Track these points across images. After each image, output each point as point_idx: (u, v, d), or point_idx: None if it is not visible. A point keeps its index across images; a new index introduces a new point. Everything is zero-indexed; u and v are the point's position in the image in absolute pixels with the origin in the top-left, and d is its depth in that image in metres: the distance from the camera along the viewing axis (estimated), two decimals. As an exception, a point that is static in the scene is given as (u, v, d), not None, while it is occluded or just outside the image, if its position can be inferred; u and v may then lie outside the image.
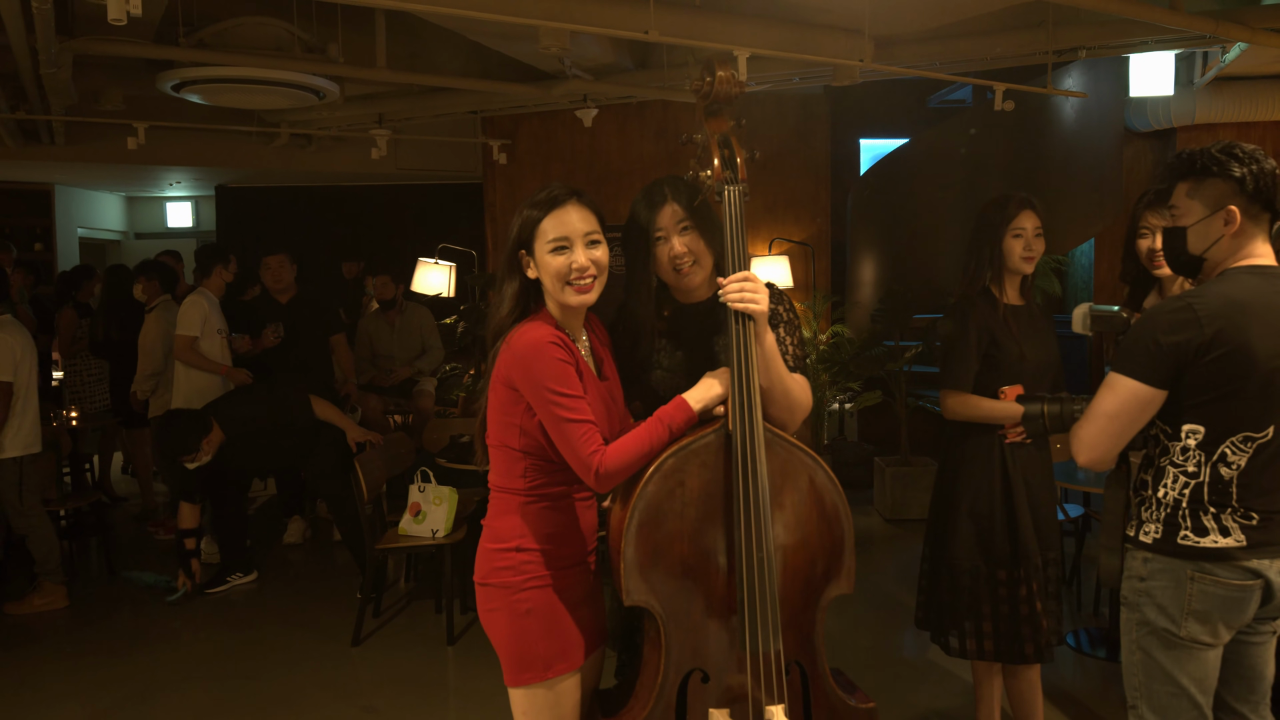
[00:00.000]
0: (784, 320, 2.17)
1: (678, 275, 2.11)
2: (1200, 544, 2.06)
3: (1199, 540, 2.07)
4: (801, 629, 2.01)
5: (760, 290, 1.91)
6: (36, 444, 4.77)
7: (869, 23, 4.94)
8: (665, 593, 1.95)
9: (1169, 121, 7.14)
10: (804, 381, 2.12)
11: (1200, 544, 2.06)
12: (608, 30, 4.31)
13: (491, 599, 2.02)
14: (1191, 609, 2.07)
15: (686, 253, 2.09)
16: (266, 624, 4.64)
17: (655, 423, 1.92)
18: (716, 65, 1.97)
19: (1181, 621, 2.08)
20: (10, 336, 4.65)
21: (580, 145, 7.56)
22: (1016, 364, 2.85)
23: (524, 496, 1.99)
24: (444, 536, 4.36)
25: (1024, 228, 2.87)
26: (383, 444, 4.81)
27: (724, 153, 1.95)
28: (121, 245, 10.91)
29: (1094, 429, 2.12)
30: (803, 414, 2.08)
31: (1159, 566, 2.11)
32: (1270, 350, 2.00)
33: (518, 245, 2.00)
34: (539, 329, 1.93)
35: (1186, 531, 2.08)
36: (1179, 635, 2.08)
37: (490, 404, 2.00)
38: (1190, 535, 2.07)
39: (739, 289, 1.90)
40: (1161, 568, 2.11)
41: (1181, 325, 2.02)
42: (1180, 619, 2.08)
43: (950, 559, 2.88)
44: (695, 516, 1.94)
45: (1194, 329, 2.00)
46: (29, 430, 4.72)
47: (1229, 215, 2.05)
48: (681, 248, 2.09)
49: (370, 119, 6.97)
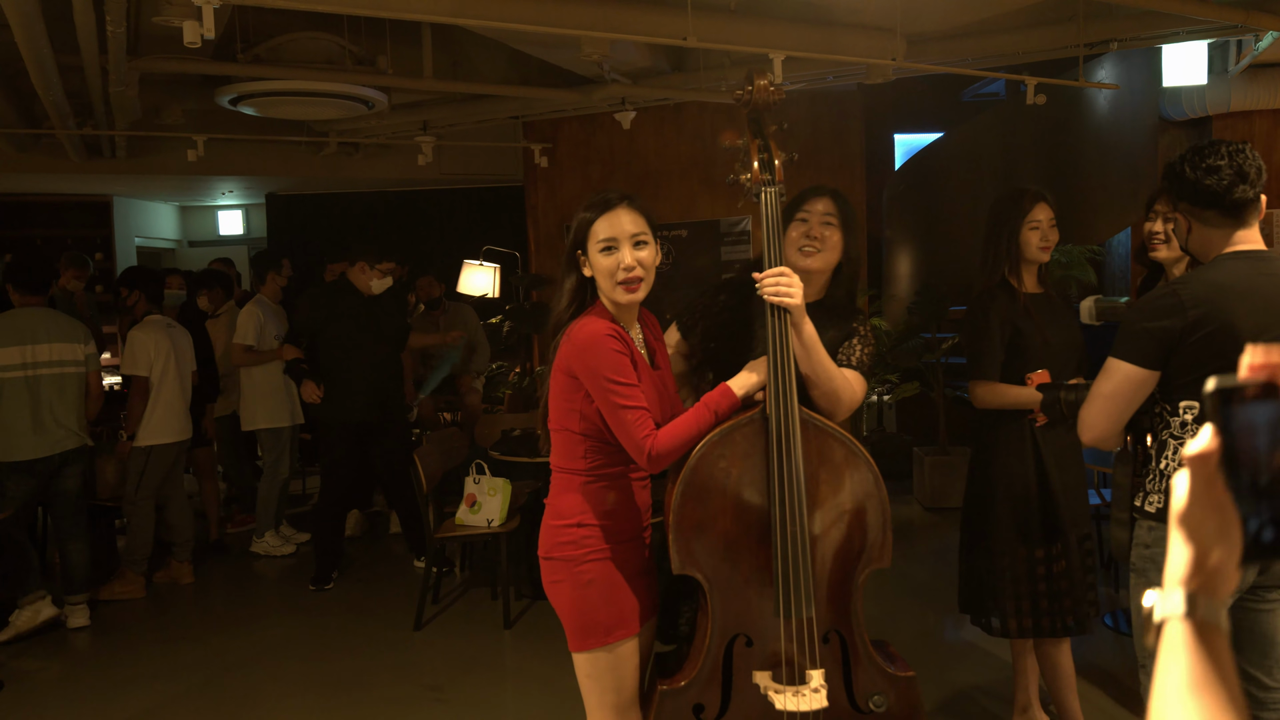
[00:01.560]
0: (859, 335, 2.41)
1: (800, 255, 2.36)
2: None
3: None
4: (839, 600, 2.16)
5: (795, 285, 2.08)
6: (167, 436, 5.14)
7: (900, 21, 5.05)
8: (710, 563, 2.13)
9: (1204, 110, 7.16)
10: (854, 378, 2.32)
11: None
12: (647, 38, 4.49)
13: (555, 571, 2.20)
14: None
15: (819, 239, 2.36)
16: (330, 611, 4.88)
17: (702, 408, 2.10)
18: (755, 74, 2.14)
19: None
20: (147, 335, 5.09)
21: (619, 147, 7.72)
22: (1041, 350, 2.98)
23: (584, 476, 2.17)
24: (499, 526, 4.56)
25: (1039, 220, 3.00)
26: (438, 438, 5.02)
27: (763, 156, 2.12)
28: (176, 253, 11.27)
29: (1094, 410, 2.29)
30: (847, 406, 2.27)
31: (1163, 533, 2.24)
32: (1254, 328, 2.13)
33: (574, 245, 2.18)
34: (596, 323, 2.11)
35: None
36: None
37: (552, 391, 2.18)
38: None
39: (774, 283, 2.07)
40: (1165, 534, 2.23)
41: (1166, 311, 2.18)
42: None
43: (989, 543, 3.00)
44: (737, 492, 2.11)
45: (1178, 314, 2.16)
46: (158, 422, 5.10)
47: (1179, 220, 2.27)
48: (816, 234, 2.36)
49: (415, 126, 7.17)
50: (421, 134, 7.17)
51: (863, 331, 2.42)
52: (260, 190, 10.05)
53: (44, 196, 9.36)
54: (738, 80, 6.03)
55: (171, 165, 7.74)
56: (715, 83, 6.10)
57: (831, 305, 2.45)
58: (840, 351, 2.38)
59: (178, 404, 5.18)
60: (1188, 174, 2.18)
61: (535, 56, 5.85)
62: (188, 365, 5.31)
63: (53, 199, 9.41)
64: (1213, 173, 2.15)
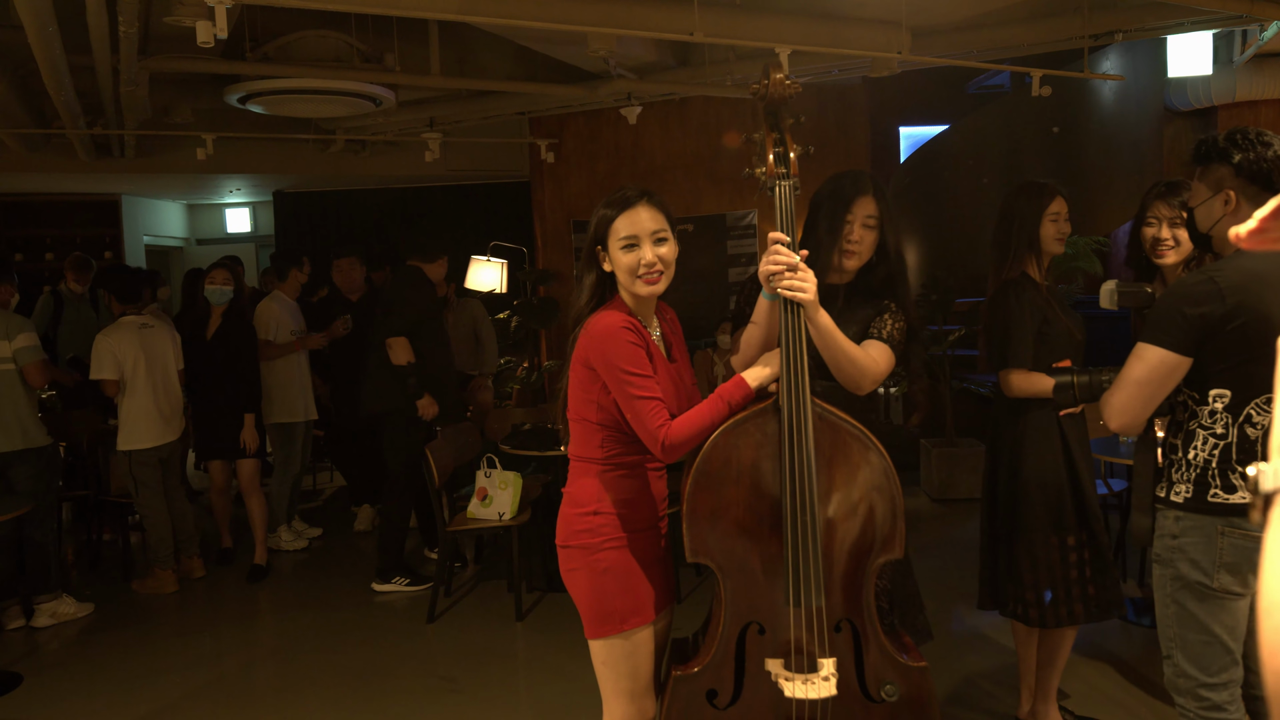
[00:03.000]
0: (890, 310, 2.48)
1: (842, 256, 2.46)
2: (1230, 500, 2.22)
3: (1228, 497, 2.22)
4: (851, 589, 2.19)
5: (809, 279, 2.11)
6: (145, 440, 5.06)
7: (905, 15, 5.07)
8: (723, 550, 2.16)
9: (1209, 100, 7.16)
10: (879, 352, 2.39)
11: (1230, 500, 2.22)
12: (654, 33, 4.51)
13: (572, 559, 2.24)
14: (1223, 561, 2.23)
15: (859, 242, 2.45)
16: (345, 605, 4.93)
17: (716, 399, 2.13)
18: (771, 69, 2.17)
19: (1214, 574, 2.23)
20: (111, 339, 5.01)
21: (625, 142, 7.75)
22: (1066, 339, 3.03)
23: (601, 465, 2.21)
24: (510, 519, 4.60)
25: (1059, 213, 3.06)
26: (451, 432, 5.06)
27: (778, 150, 2.15)
28: (184, 251, 11.32)
29: (1124, 396, 2.28)
30: (872, 381, 2.36)
31: (1191, 524, 2.27)
32: None
33: (595, 241, 2.22)
34: (613, 316, 2.14)
35: (1216, 490, 2.24)
36: (1212, 587, 2.24)
37: (570, 382, 2.22)
38: (1220, 493, 2.23)
39: (789, 279, 2.10)
40: (1193, 525, 2.27)
41: (1205, 297, 2.18)
42: (1212, 571, 2.23)
43: (1025, 534, 3.02)
44: (749, 482, 2.14)
45: (1216, 301, 2.17)
46: (132, 426, 5.03)
47: (1227, 197, 2.25)
48: (857, 237, 2.45)
49: (422, 123, 7.20)
50: (428, 131, 7.19)
51: (893, 308, 2.47)
52: (268, 188, 10.09)
53: (53, 196, 9.40)
54: (744, 75, 6.12)
55: (180, 164, 7.79)
56: (721, 77, 6.12)
57: (864, 287, 2.52)
58: (872, 325, 2.45)
59: (152, 408, 5.05)
60: (1260, 153, 2.19)
61: (541, 53, 5.88)
62: (165, 366, 5.13)
63: (62, 198, 9.46)
64: (1269, 150, 2.18)
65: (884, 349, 2.41)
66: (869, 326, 2.45)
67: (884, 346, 2.41)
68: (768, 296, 2.20)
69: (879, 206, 2.45)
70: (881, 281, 2.50)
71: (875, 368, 2.36)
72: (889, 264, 2.48)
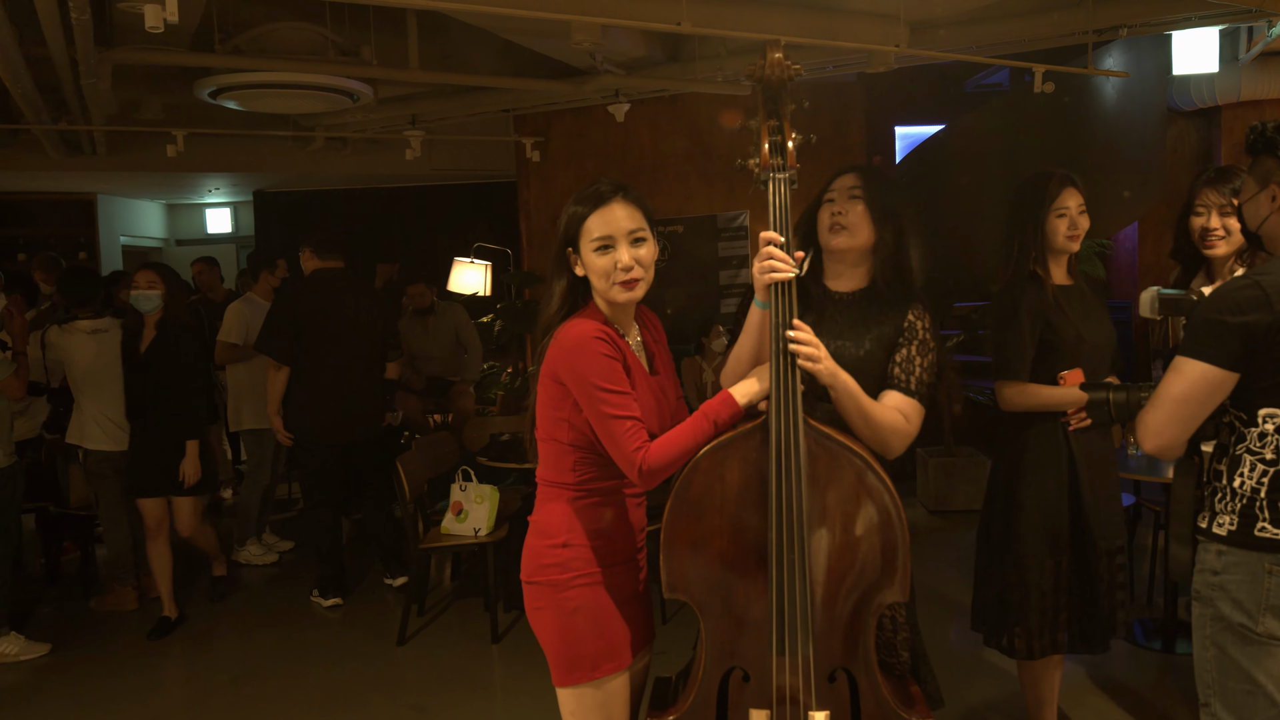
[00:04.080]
0: (918, 338, 2.16)
1: (830, 234, 2.20)
2: (1279, 536, 1.99)
3: (1278, 532, 1.99)
4: (847, 636, 1.95)
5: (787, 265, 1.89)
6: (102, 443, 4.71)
7: (904, 7, 4.86)
8: (704, 586, 1.93)
9: (1213, 99, 6.97)
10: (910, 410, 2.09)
11: (1279, 536, 1.99)
12: (639, 23, 4.29)
13: (538, 597, 2.01)
14: (1270, 604, 1.99)
15: (843, 213, 2.18)
16: (312, 625, 4.69)
17: (700, 417, 1.90)
18: (770, 49, 1.94)
19: (1259, 616, 2.00)
20: (58, 341, 4.73)
21: (613, 140, 7.53)
22: (1075, 347, 2.77)
23: (573, 491, 1.98)
24: (486, 535, 4.37)
25: (1068, 206, 2.79)
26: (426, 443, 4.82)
27: (774, 139, 1.93)
28: (163, 252, 11.06)
29: (1161, 415, 2.04)
30: (902, 439, 2.07)
31: (1234, 559, 2.03)
32: None
33: (565, 243, 1.98)
34: (585, 325, 1.91)
35: (1264, 523, 2.00)
36: (1256, 631, 2.00)
37: (539, 398, 2.00)
38: (1269, 527, 1.99)
39: (765, 262, 1.89)
40: (1237, 561, 2.03)
41: (1250, 304, 1.94)
42: (1257, 614, 2.00)
43: (1017, 558, 2.78)
44: (735, 512, 1.91)
45: (1264, 308, 1.93)
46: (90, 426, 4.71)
47: (1273, 193, 2.02)
48: (841, 208, 2.18)
49: (404, 120, 7.00)
50: (410, 128, 6.98)
51: (921, 331, 2.16)
52: (248, 187, 9.85)
53: (25, 195, 9.15)
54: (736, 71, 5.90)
55: (153, 161, 7.54)
56: (712, 73, 5.91)
57: (877, 293, 2.21)
58: (899, 366, 2.14)
59: (102, 415, 4.71)
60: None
61: (526, 47, 5.66)
62: (117, 376, 4.67)
63: (34, 197, 9.21)
64: None
65: (912, 405, 2.10)
66: (893, 352, 2.15)
67: (911, 402, 2.11)
68: (760, 305, 1.97)
69: (863, 179, 2.19)
70: (899, 279, 2.19)
71: (906, 428, 2.08)
72: (886, 255, 2.18)
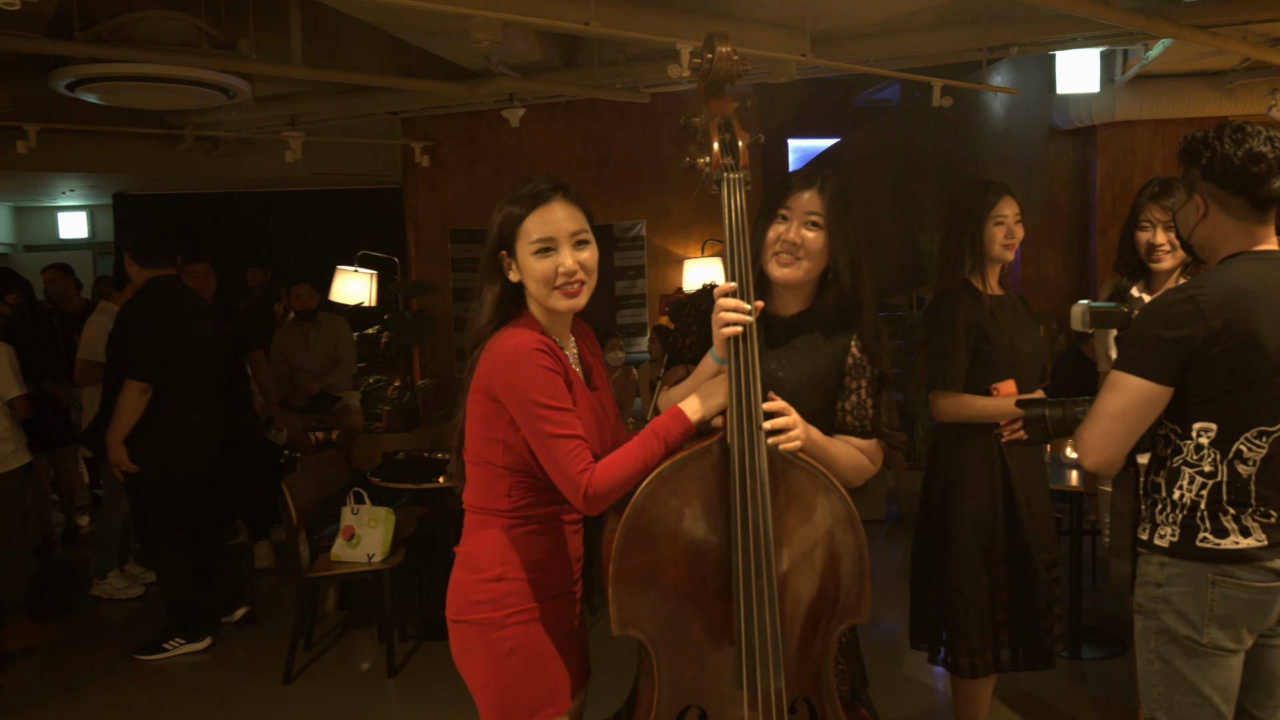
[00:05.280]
0: (866, 375, 2.02)
1: (776, 264, 1.98)
2: (1220, 546, 1.96)
3: (1219, 542, 1.97)
4: (809, 664, 1.83)
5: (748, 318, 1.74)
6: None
7: (806, 18, 4.86)
8: (658, 621, 1.77)
9: (1090, 119, 7.26)
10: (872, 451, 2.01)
11: (1220, 546, 1.96)
12: (545, 21, 4.12)
13: (468, 637, 1.80)
14: (1213, 614, 1.97)
15: (798, 244, 1.96)
16: (182, 664, 4.26)
17: (649, 435, 1.74)
18: (717, 41, 1.80)
19: (1203, 628, 1.97)
20: None
21: (506, 146, 7.33)
22: (1008, 358, 2.73)
23: (508, 519, 1.79)
24: (381, 561, 4.08)
25: (1005, 215, 2.76)
26: (313, 463, 4.50)
27: (724, 137, 1.78)
28: (10, 258, 10.22)
29: (1100, 430, 2.01)
30: (864, 478, 1.98)
31: (1177, 571, 2.01)
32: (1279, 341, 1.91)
33: (498, 245, 1.79)
34: (523, 335, 1.72)
35: (1206, 534, 1.98)
36: (1201, 642, 1.98)
37: (469, 416, 1.79)
38: (1210, 537, 1.97)
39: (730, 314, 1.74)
40: (1180, 572, 2.01)
41: (1186, 318, 1.92)
42: (1202, 625, 1.97)
43: (951, 574, 2.72)
44: (691, 538, 1.76)
45: (1198, 322, 1.90)
46: None
47: (1198, 202, 2.00)
48: (795, 237, 1.96)
49: (283, 120, 6.64)
50: (289, 129, 6.62)
51: (870, 368, 2.01)
52: (107, 189, 9.20)
53: None
54: (635, 77, 5.78)
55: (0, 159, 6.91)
56: (611, 79, 5.80)
57: (818, 317, 2.05)
58: (850, 414, 2.01)
59: None
60: (1227, 152, 1.91)
61: (416, 46, 5.42)
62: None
63: None
64: (1256, 159, 1.90)
65: (872, 445, 2.01)
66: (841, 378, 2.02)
67: (870, 444, 2.01)
68: (718, 359, 1.81)
69: (825, 202, 1.97)
70: (838, 302, 2.01)
71: (870, 468, 2.00)
72: (840, 286, 1.99)
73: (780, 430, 1.75)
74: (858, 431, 2.01)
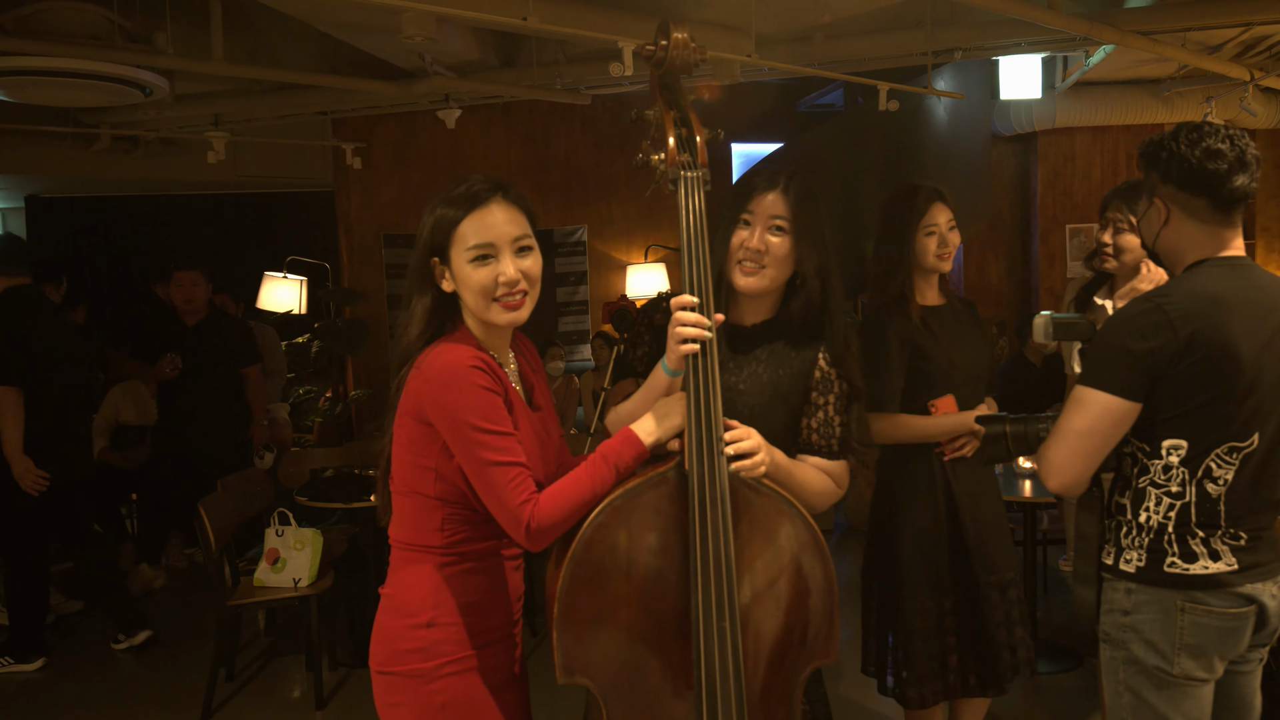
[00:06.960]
0: (834, 391, 1.87)
1: (740, 273, 1.84)
2: (1190, 571, 1.86)
3: (1188, 567, 1.86)
4: (775, 708, 1.68)
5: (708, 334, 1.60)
6: None
7: (751, 20, 4.75)
8: (608, 668, 1.60)
9: (1031, 125, 7.28)
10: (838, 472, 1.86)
11: (1190, 571, 1.86)
12: (481, 15, 3.94)
13: (395, 690, 1.61)
14: (1184, 643, 1.87)
15: (763, 251, 1.81)
16: (89, 700, 3.97)
17: (599, 461, 1.56)
18: (673, 26, 1.64)
19: (1173, 657, 1.87)
20: None
21: (441, 149, 7.11)
22: (946, 373, 2.60)
23: (441, 556, 1.60)
24: (308, 586, 3.84)
25: (937, 222, 2.60)
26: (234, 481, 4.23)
27: (680, 132, 1.63)
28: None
29: (1064, 450, 1.90)
30: (830, 500, 1.84)
31: (1145, 598, 1.90)
32: (1254, 348, 1.81)
33: (429, 252, 1.60)
34: (457, 351, 1.54)
35: (1174, 558, 1.87)
36: (1171, 673, 1.87)
37: (397, 441, 1.60)
38: (1178, 562, 1.87)
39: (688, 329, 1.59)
40: (1147, 599, 1.90)
41: (1152, 329, 1.81)
42: (1172, 655, 1.87)
43: (898, 600, 2.60)
44: (645, 575, 1.59)
45: (1167, 332, 1.80)
46: None
47: (1158, 208, 1.91)
48: (759, 244, 1.82)
49: (205, 120, 6.34)
50: (212, 129, 6.32)
51: (838, 383, 1.86)
52: (19, 192, 8.74)
53: None
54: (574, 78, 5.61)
55: (-105, 159, 6.51)
56: (550, 80, 5.63)
57: (783, 327, 1.90)
58: (817, 433, 1.87)
59: None
60: (1184, 152, 1.82)
61: (347, 43, 5.19)
62: None
63: None
64: (1214, 156, 1.80)
65: (839, 467, 1.87)
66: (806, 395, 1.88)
67: (837, 465, 1.86)
68: (669, 371, 1.66)
69: (790, 205, 1.84)
70: (804, 313, 1.87)
71: (836, 491, 1.85)
72: (807, 293, 1.86)
73: (743, 455, 1.59)
74: (823, 451, 1.86)
